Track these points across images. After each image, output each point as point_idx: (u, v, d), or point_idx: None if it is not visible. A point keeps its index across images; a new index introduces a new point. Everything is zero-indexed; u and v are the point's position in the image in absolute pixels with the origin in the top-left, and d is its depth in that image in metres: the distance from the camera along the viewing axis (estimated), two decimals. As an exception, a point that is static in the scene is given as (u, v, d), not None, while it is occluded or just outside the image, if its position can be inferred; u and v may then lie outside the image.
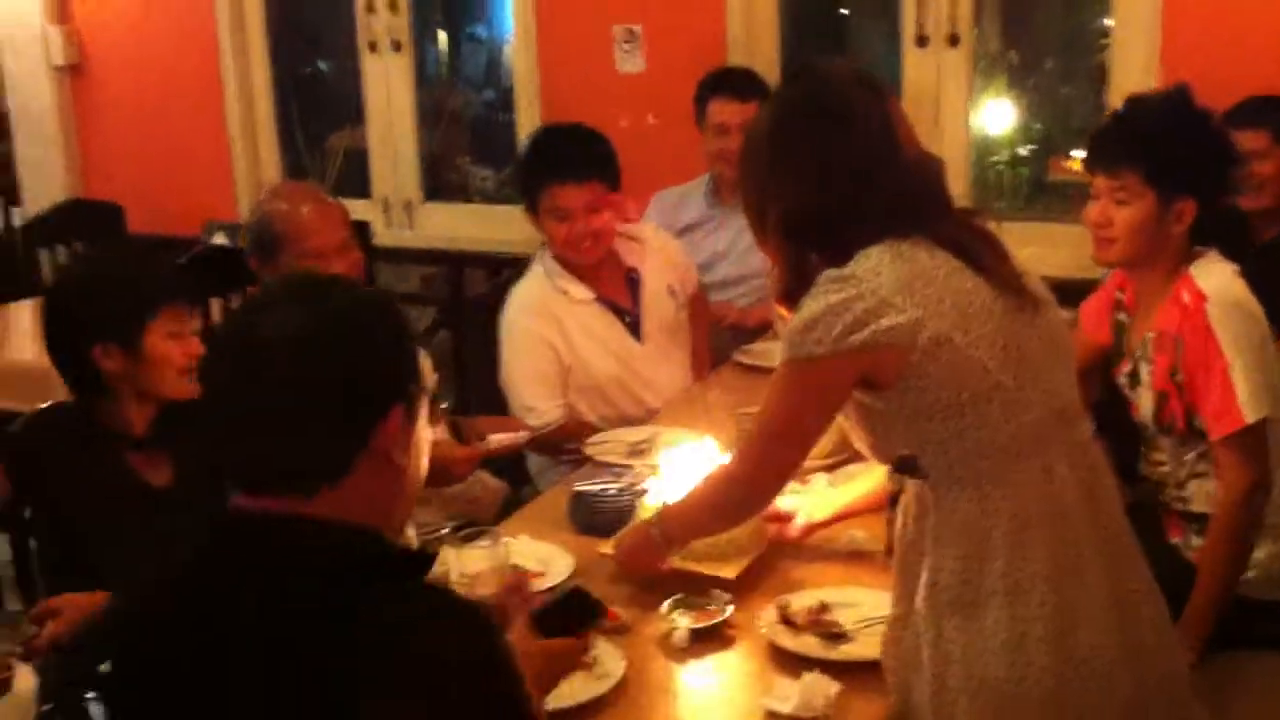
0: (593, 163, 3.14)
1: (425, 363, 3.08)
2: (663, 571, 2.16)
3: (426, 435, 1.57)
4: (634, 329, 3.29)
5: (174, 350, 2.34)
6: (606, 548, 2.28)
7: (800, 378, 1.83)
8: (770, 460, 1.95)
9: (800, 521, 2.35)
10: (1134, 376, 2.56)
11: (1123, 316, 2.64)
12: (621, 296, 3.29)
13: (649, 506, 2.30)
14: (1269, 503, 2.42)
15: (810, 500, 2.41)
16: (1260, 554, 2.47)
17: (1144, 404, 2.55)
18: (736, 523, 2.17)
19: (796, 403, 1.86)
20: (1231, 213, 2.88)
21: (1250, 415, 2.35)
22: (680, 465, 2.38)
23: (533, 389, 3.18)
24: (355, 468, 1.44)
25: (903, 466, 1.86)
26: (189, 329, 2.41)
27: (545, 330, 3.19)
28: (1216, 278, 2.44)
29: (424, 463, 1.57)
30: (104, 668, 1.68)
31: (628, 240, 3.33)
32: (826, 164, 1.83)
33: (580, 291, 3.22)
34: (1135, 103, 2.59)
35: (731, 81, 3.88)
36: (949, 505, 1.81)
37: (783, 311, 1.94)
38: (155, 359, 2.33)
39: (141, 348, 2.32)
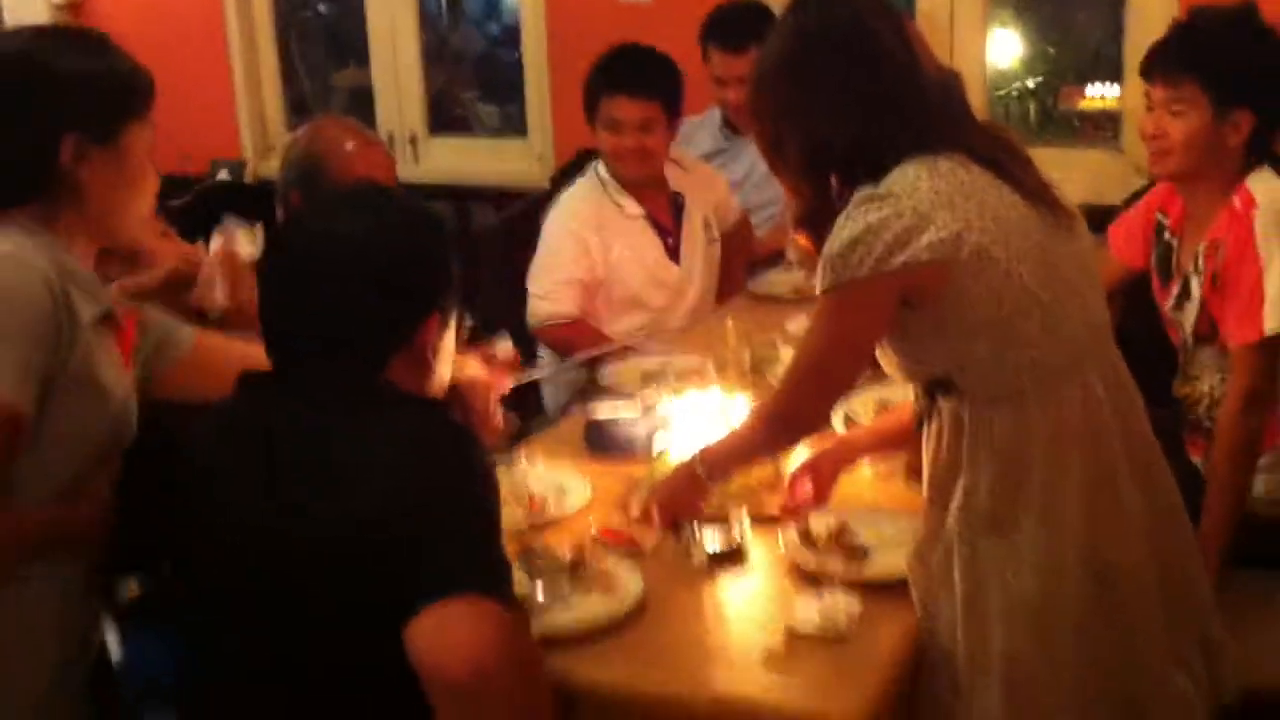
0: (653, 83, 3.23)
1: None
2: (698, 516, 2.08)
3: (450, 345, 1.71)
4: (673, 252, 3.37)
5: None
6: (635, 508, 2.16)
7: (843, 303, 1.79)
8: (817, 390, 1.91)
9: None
10: (1183, 294, 2.54)
11: (1169, 237, 2.61)
12: (666, 218, 3.37)
13: (663, 462, 2.26)
14: (1274, 418, 2.42)
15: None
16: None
17: (1188, 319, 2.52)
18: (784, 452, 2.14)
19: (840, 330, 1.83)
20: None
21: (1270, 326, 2.33)
22: (689, 417, 2.37)
23: (558, 283, 3.25)
24: (393, 363, 1.62)
25: (936, 387, 1.83)
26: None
27: (589, 238, 3.26)
28: (1270, 185, 2.41)
29: (447, 370, 1.72)
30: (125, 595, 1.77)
31: (676, 167, 3.40)
32: (850, 95, 1.80)
33: (632, 207, 3.31)
34: (1197, 13, 2.56)
35: (726, 30, 3.77)
36: (986, 424, 1.78)
37: (802, 240, 1.91)
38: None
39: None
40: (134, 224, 1.91)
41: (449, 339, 1.71)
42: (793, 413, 1.94)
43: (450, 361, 1.74)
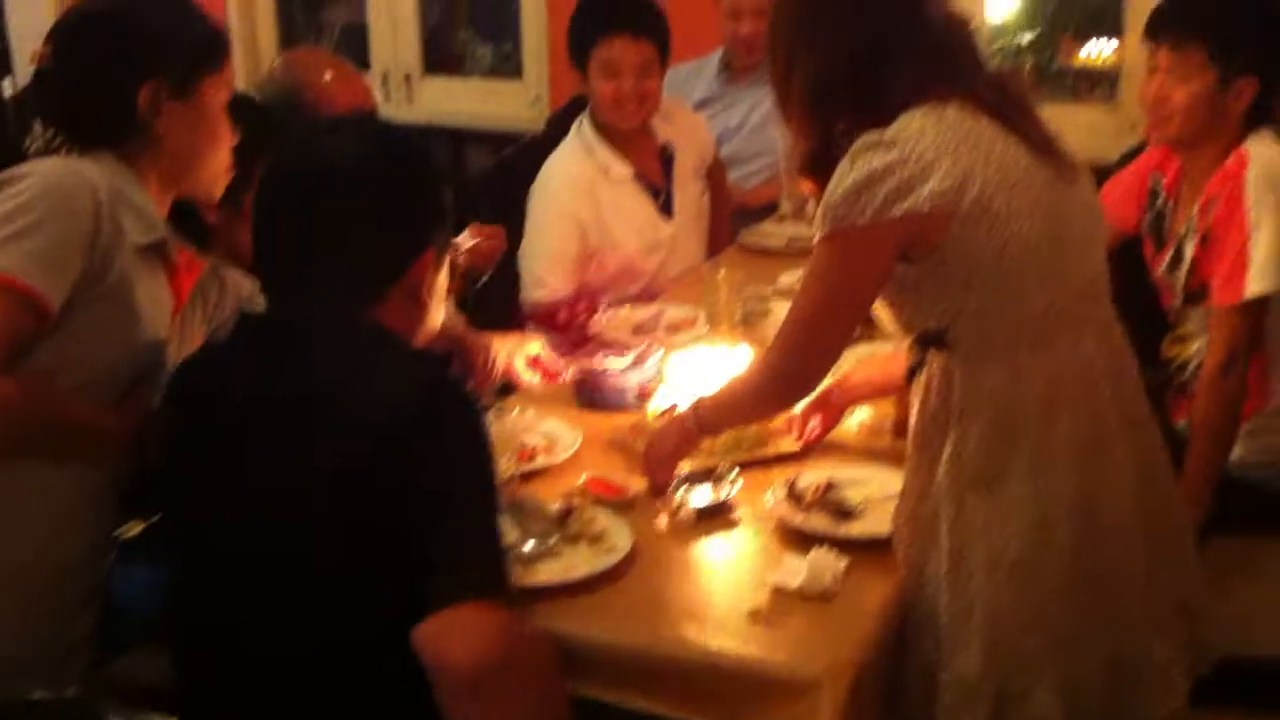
0: (650, 24, 3.14)
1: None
2: (673, 474, 2.10)
3: (444, 286, 1.71)
4: (665, 207, 3.29)
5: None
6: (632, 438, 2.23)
7: (842, 251, 1.78)
8: (815, 343, 1.88)
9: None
10: (1176, 257, 2.54)
11: (1162, 202, 2.61)
12: (655, 173, 3.29)
13: (653, 412, 2.29)
14: (1256, 385, 2.45)
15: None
16: (1275, 440, 2.49)
17: (1180, 280, 2.53)
18: (782, 410, 2.13)
19: (839, 279, 1.81)
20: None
21: (1251, 290, 2.35)
22: (680, 370, 2.39)
23: (550, 265, 3.17)
24: (388, 296, 1.61)
25: (928, 339, 1.83)
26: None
27: (579, 210, 3.17)
28: (1266, 147, 2.42)
29: (440, 311, 1.71)
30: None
31: (661, 115, 3.31)
32: (850, 32, 1.80)
33: (619, 169, 3.21)
34: None
35: None
36: (978, 378, 1.79)
37: (806, 186, 1.92)
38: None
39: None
40: (208, 176, 2.01)
41: (442, 279, 1.70)
42: (791, 367, 1.92)
43: (443, 303, 1.73)
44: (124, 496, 1.93)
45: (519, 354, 2.52)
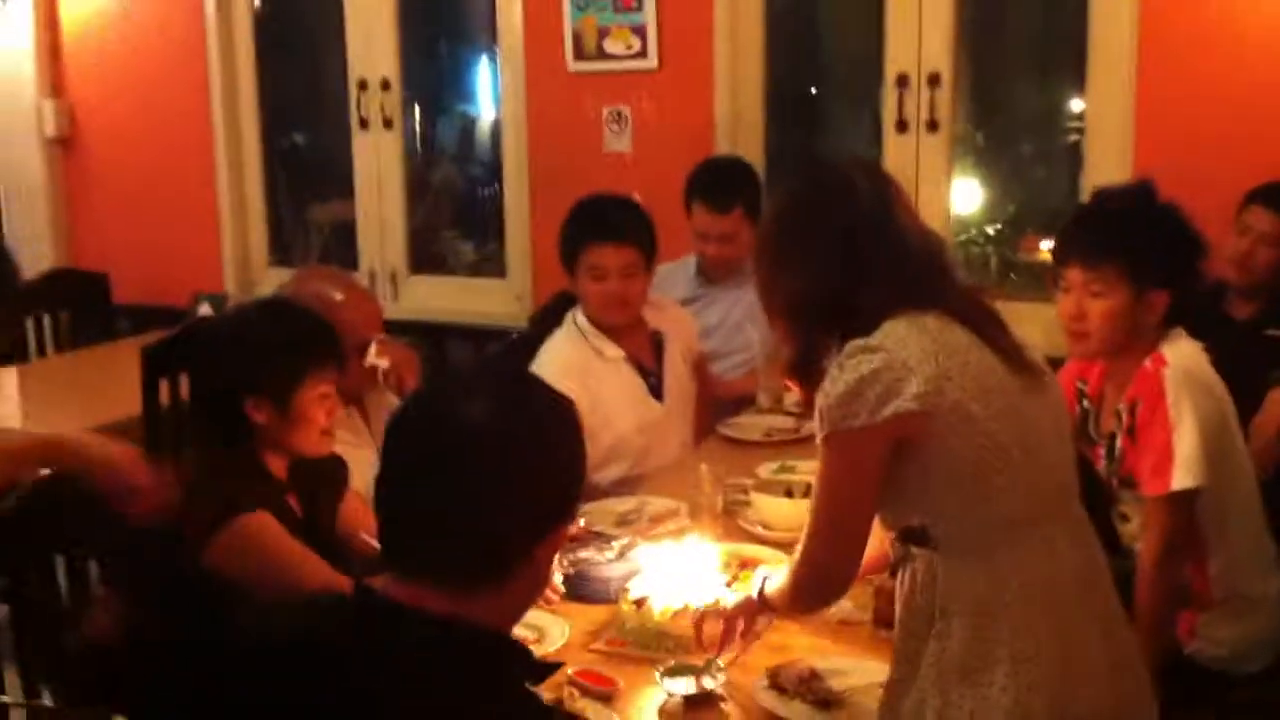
0: (634, 230, 3.34)
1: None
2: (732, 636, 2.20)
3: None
4: (656, 390, 3.43)
5: (319, 412, 2.44)
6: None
7: (842, 451, 1.87)
8: (836, 539, 1.95)
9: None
10: (1110, 452, 2.62)
11: (1087, 405, 2.70)
12: (647, 357, 3.45)
13: (630, 603, 2.36)
14: (1216, 578, 2.53)
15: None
16: (1226, 632, 2.55)
17: (1114, 471, 2.60)
18: (830, 602, 2.18)
19: (843, 477, 1.90)
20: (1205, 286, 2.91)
21: (1178, 483, 2.41)
22: (662, 565, 2.44)
23: None
24: (517, 574, 1.45)
25: (910, 536, 1.91)
26: (334, 390, 2.50)
27: (575, 389, 3.20)
28: (1180, 348, 2.52)
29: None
30: None
31: (651, 306, 3.48)
32: (827, 254, 1.92)
33: (613, 350, 3.37)
34: (1104, 196, 2.66)
35: (712, 190, 3.97)
36: (958, 574, 1.87)
37: (791, 385, 2.02)
38: (303, 418, 2.43)
39: (291, 406, 2.42)
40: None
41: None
42: (821, 564, 1.99)
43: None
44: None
45: None
